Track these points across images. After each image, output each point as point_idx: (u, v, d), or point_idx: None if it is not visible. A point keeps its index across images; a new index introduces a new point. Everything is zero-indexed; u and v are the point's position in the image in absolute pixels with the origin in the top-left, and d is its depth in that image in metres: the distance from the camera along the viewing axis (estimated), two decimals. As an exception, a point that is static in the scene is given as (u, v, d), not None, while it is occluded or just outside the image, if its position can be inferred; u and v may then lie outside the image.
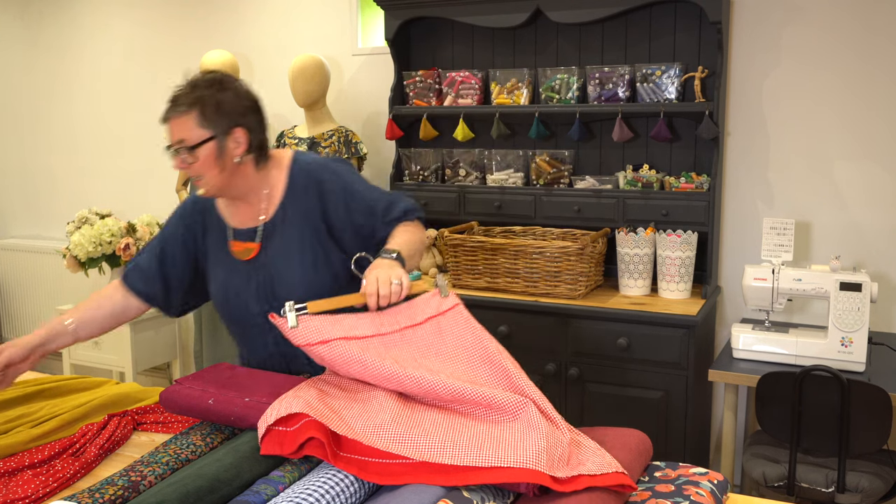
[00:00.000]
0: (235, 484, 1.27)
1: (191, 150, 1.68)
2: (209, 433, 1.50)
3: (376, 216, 1.80)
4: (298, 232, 1.79)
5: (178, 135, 1.69)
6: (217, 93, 1.70)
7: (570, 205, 3.09)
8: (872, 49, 2.83)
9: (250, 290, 1.79)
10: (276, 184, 1.82)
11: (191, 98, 1.68)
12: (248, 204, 1.82)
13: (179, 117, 1.68)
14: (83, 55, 4.46)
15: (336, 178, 1.81)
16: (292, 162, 1.84)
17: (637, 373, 2.74)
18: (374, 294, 1.55)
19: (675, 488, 1.33)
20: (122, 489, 1.28)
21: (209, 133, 1.69)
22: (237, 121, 1.71)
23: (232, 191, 1.78)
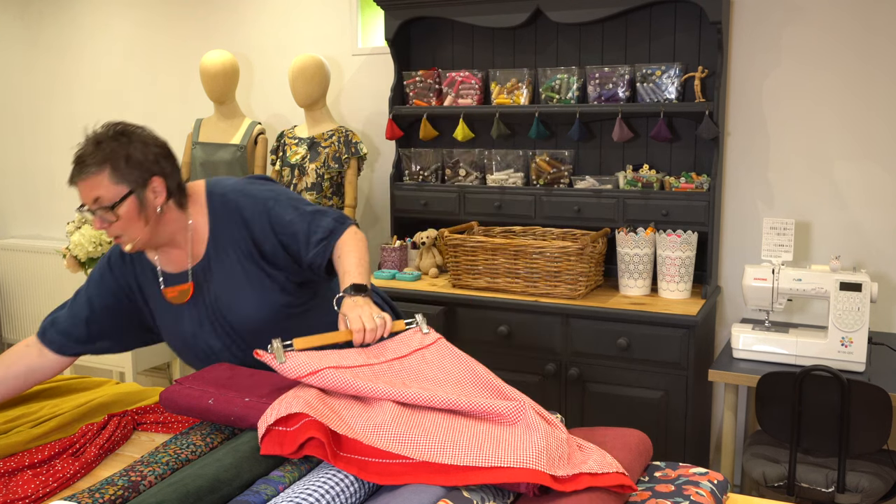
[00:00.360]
0: (235, 484, 1.27)
1: (111, 209, 1.64)
2: (209, 433, 1.50)
3: (299, 241, 1.76)
4: (234, 261, 1.76)
5: (93, 194, 1.63)
6: (125, 145, 1.65)
7: (570, 205, 3.09)
8: (872, 49, 2.83)
9: (206, 330, 1.78)
10: (199, 220, 1.78)
11: (99, 156, 1.63)
12: (177, 247, 1.79)
13: (90, 178, 1.63)
14: (83, 55, 4.46)
15: (255, 203, 1.77)
16: (208, 194, 1.80)
17: (637, 373, 2.74)
18: (360, 330, 1.55)
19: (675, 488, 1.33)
20: (122, 489, 1.28)
21: (126, 188, 1.64)
22: (152, 170, 1.67)
23: (158, 240, 1.75)
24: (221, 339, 1.79)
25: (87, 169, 1.63)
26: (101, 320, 1.83)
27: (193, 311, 1.79)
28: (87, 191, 1.64)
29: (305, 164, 3.37)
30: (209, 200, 1.79)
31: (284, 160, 3.45)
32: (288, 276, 1.80)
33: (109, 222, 1.66)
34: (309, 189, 3.35)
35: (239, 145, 3.60)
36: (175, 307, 1.80)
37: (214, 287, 1.77)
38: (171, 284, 1.80)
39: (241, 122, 3.67)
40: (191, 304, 1.79)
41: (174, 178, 1.73)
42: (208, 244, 1.78)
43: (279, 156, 3.50)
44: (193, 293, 1.78)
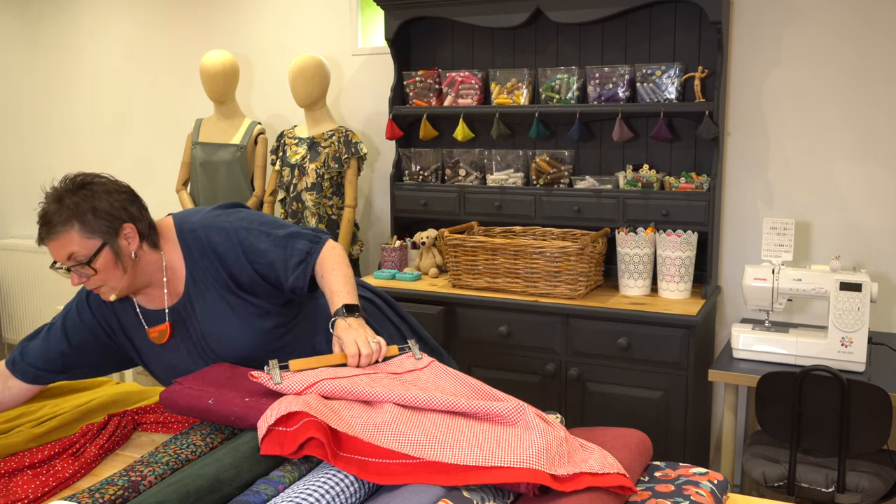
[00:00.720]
0: (235, 484, 1.27)
1: (87, 263, 1.62)
2: (209, 433, 1.50)
3: (277, 269, 1.75)
4: (215, 295, 1.75)
5: (66, 252, 1.61)
6: (88, 198, 1.62)
7: (570, 205, 3.09)
8: (872, 49, 2.83)
9: (198, 364, 1.78)
10: (173, 257, 1.76)
11: (64, 213, 1.60)
12: (155, 287, 1.77)
13: (60, 236, 1.60)
14: (83, 55, 4.47)
15: (227, 237, 1.75)
16: (178, 230, 1.78)
17: (637, 373, 2.74)
18: (355, 355, 1.55)
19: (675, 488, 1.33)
20: (122, 489, 1.28)
21: (99, 241, 1.62)
22: (121, 217, 1.65)
23: (138, 284, 1.73)
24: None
25: (55, 228, 1.60)
26: (78, 354, 1.80)
27: (181, 347, 1.78)
28: (58, 249, 1.61)
29: (305, 164, 3.37)
30: (180, 237, 1.77)
31: (284, 160, 3.45)
32: (270, 301, 1.79)
33: (87, 276, 1.64)
34: (309, 189, 3.35)
35: (239, 145, 3.60)
36: (149, 344, 1.79)
37: (200, 323, 1.76)
38: (153, 324, 1.78)
39: (241, 122, 3.68)
40: (178, 341, 1.78)
41: (143, 221, 1.70)
42: (186, 281, 1.76)
43: (279, 156, 3.50)
44: (176, 331, 1.77)
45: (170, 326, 1.76)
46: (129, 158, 4.41)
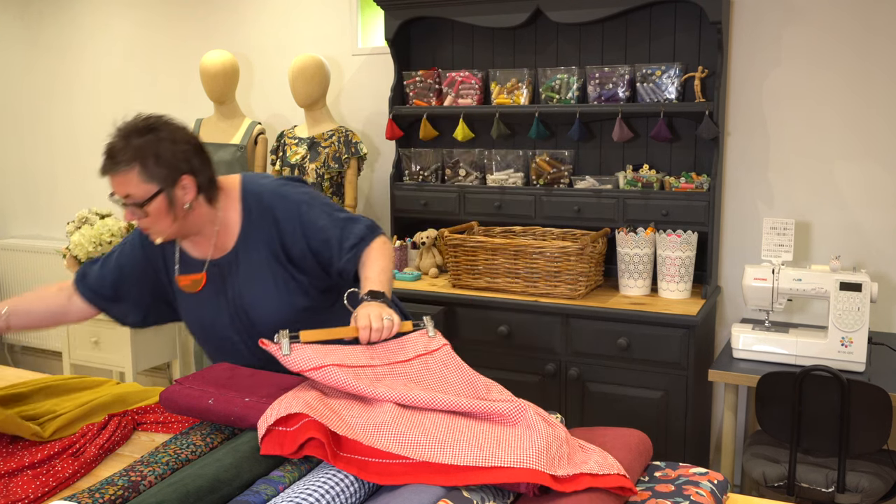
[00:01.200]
0: (235, 484, 1.27)
1: (140, 206, 1.65)
2: (209, 433, 1.50)
3: (332, 247, 1.77)
4: (262, 260, 1.77)
5: (124, 190, 1.65)
6: (154, 143, 1.65)
7: (570, 205, 3.09)
8: (872, 49, 2.83)
9: (224, 320, 1.79)
10: (231, 215, 1.79)
11: (129, 153, 1.63)
12: (205, 237, 1.79)
13: (120, 174, 1.64)
14: (83, 55, 4.47)
15: (289, 206, 1.78)
16: (242, 190, 1.81)
17: (637, 373, 2.74)
18: (367, 328, 1.54)
19: (675, 488, 1.33)
20: (122, 489, 1.28)
21: (156, 187, 1.65)
22: (181, 168, 1.67)
23: (186, 232, 1.76)
24: (239, 333, 1.80)
25: (117, 166, 1.64)
26: (127, 285, 1.86)
27: (214, 301, 1.80)
28: (117, 185, 1.67)
29: (305, 164, 3.37)
30: (243, 196, 1.80)
31: (284, 160, 3.45)
32: (312, 280, 1.81)
33: (139, 217, 1.68)
34: (309, 189, 3.35)
35: (239, 145, 3.60)
36: (196, 294, 1.81)
37: (240, 283, 1.78)
38: (188, 271, 1.81)
39: (241, 122, 3.67)
40: (212, 294, 1.80)
41: (204, 175, 1.73)
42: (238, 239, 1.78)
43: (279, 156, 3.50)
44: (212, 286, 1.79)
45: (206, 277, 1.78)
46: (129, 158, 4.40)
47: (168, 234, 1.72)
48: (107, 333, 3.91)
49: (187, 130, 1.73)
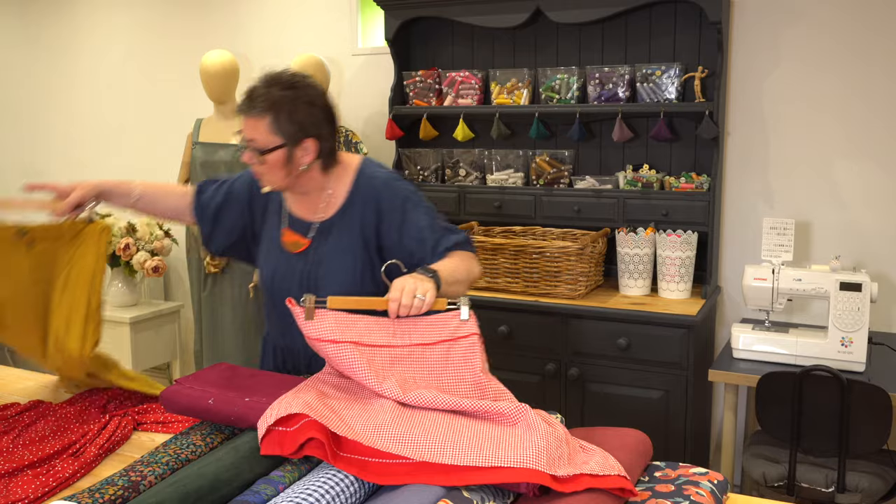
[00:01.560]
0: (235, 484, 1.27)
1: (260, 153, 1.71)
2: (209, 433, 1.50)
3: (426, 247, 1.78)
4: (352, 239, 1.79)
5: (250, 134, 1.71)
6: (292, 100, 1.70)
7: (570, 205, 3.09)
8: (872, 49, 2.83)
9: (294, 278, 1.81)
10: (340, 188, 1.83)
11: (266, 101, 1.69)
12: (310, 199, 1.84)
13: (252, 118, 1.70)
14: (83, 55, 4.47)
15: (395, 200, 1.80)
16: (358, 171, 1.84)
17: (637, 373, 2.74)
18: (396, 300, 1.52)
19: (675, 488, 1.33)
20: (122, 489, 1.28)
21: (279, 141, 1.70)
22: (308, 131, 1.72)
23: (295, 190, 1.82)
24: (298, 297, 1.79)
25: (252, 110, 1.70)
26: (225, 215, 1.93)
27: (294, 260, 1.83)
28: (246, 127, 1.72)
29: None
30: (357, 177, 1.84)
31: (284, 160, 3.45)
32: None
33: (255, 163, 1.73)
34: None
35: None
36: (276, 242, 1.86)
37: (322, 252, 1.80)
38: (292, 227, 1.85)
39: (241, 122, 3.67)
40: (297, 255, 1.83)
41: (328, 143, 1.77)
42: (337, 213, 1.81)
43: (279, 156, 3.50)
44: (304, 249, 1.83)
45: (309, 244, 1.81)
46: (129, 158, 4.40)
47: (278, 186, 1.78)
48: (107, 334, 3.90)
49: (326, 97, 1.79)
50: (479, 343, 1.56)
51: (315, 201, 1.83)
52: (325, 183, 1.82)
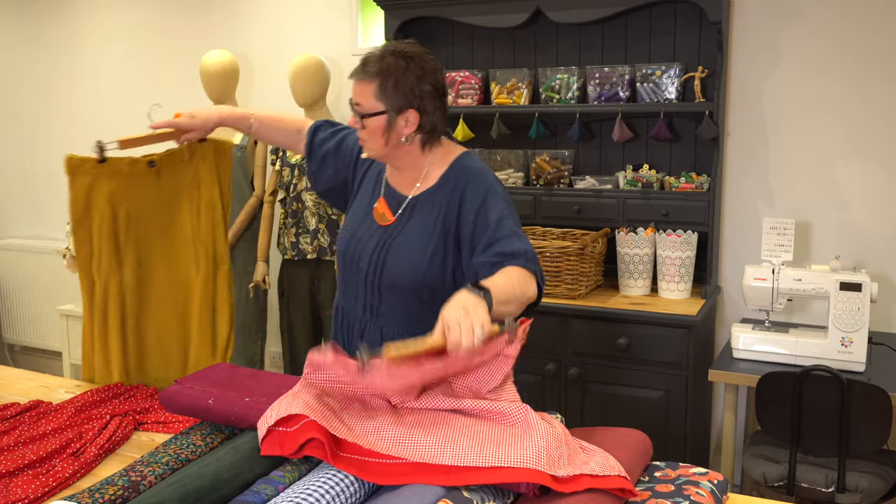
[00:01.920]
0: (235, 484, 1.27)
1: (361, 116, 1.74)
2: (209, 433, 1.50)
3: (486, 238, 1.71)
4: (433, 221, 1.79)
5: (357, 98, 1.74)
6: (401, 69, 1.72)
7: (570, 205, 3.09)
8: (872, 49, 2.83)
9: (369, 246, 1.82)
10: (436, 170, 1.84)
11: (377, 66, 1.72)
12: (405, 175, 1.85)
13: (362, 81, 1.73)
14: (83, 55, 4.47)
15: (479, 188, 1.78)
16: (457, 158, 1.86)
17: (637, 373, 2.74)
18: (457, 342, 1.35)
19: (675, 488, 1.33)
20: (122, 489, 1.28)
21: (382, 107, 1.72)
22: (412, 102, 1.73)
23: (393, 162, 1.83)
24: (369, 265, 1.81)
25: (363, 74, 1.73)
26: (334, 160, 1.98)
27: (375, 226, 1.84)
28: (356, 90, 1.75)
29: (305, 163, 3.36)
30: (454, 163, 1.84)
31: (284, 160, 3.45)
32: (455, 270, 1.80)
33: (358, 126, 1.77)
34: (309, 189, 3.35)
35: (239, 145, 3.60)
36: (364, 207, 1.88)
37: (405, 227, 1.81)
38: (386, 198, 1.86)
39: (241, 122, 3.67)
40: (378, 227, 1.84)
41: (431, 119, 1.77)
42: (426, 191, 1.82)
43: (279, 156, 3.50)
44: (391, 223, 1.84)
45: (395, 220, 1.82)
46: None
47: (375, 154, 1.79)
48: (107, 333, 3.91)
49: (440, 75, 1.81)
50: (511, 361, 1.50)
51: (410, 178, 1.85)
52: (422, 161, 1.83)
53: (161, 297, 2.03)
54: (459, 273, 1.78)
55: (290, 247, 3.39)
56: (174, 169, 2.04)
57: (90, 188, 2.07)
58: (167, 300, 2.03)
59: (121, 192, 2.01)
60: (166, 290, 2.03)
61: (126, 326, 2.00)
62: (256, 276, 3.55)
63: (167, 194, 2.02)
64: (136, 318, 2.00)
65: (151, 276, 2.02)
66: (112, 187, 2.03)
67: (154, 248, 2.02)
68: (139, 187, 2.02)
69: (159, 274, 2.02)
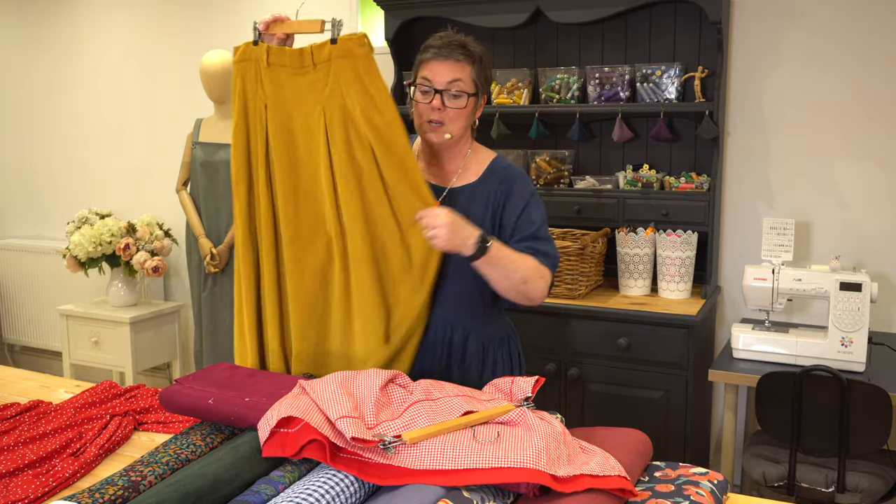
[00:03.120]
0: (235, 484, 1.27)
1: (456, 96, 1.77)
2: (209, 433, 1.50)
3: (521, 232, 1.80)
4: (483, 211, 1.83)
5: (454, 75, 1.76)
6: (486, 58, 1.83)
7: (570, 205, 3.09)
8: (872, 49, 2.83)
9: None
10: (477, 162, 1.88)
11: (473, 51, 1.79)
12: (446, 166, 1.88)
13: (459, 63, 1.77)
14: (83, 55, 4.47)
15: (525, 191, 1.85)
16: (497, 157, 1.92)
17: (637, 373, 2.74)
18: (425, 229, 1.63)
19: (675, 488, 1.33)
20: (122, 489, 1.28)
21: (474, 89, 1.80)
22: (486, 89, 1.85)
23: (451, 148, 1.86)
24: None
25: (461, 55, 1.77)
26: None
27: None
28: (447, 69, 1.77)
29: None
30: (494, 162, 1.89)
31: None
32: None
33: (444, 106, 1.76)
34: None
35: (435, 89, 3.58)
36: None
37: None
38: None
39: (241, 122, 3.67)
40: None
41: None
42: (471, 183, 1.85)
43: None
44: None
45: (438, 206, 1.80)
46: (128, 158, 4.41)
47: (455, 135, 1.80)
48: (107, 333, 3.92)
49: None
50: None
51: (449, 170, 1.87)
52: (465, 150, 1.88)
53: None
54: None
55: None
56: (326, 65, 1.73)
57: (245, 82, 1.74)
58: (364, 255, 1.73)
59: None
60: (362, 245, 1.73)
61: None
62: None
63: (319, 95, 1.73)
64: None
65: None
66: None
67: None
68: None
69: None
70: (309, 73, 1.73)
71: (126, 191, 4.44)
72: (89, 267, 3.88)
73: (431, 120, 1.79)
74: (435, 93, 1.76)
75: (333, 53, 1.72)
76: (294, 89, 1.73)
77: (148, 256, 3.84)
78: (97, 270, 3.96)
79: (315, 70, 1.73)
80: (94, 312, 3.92)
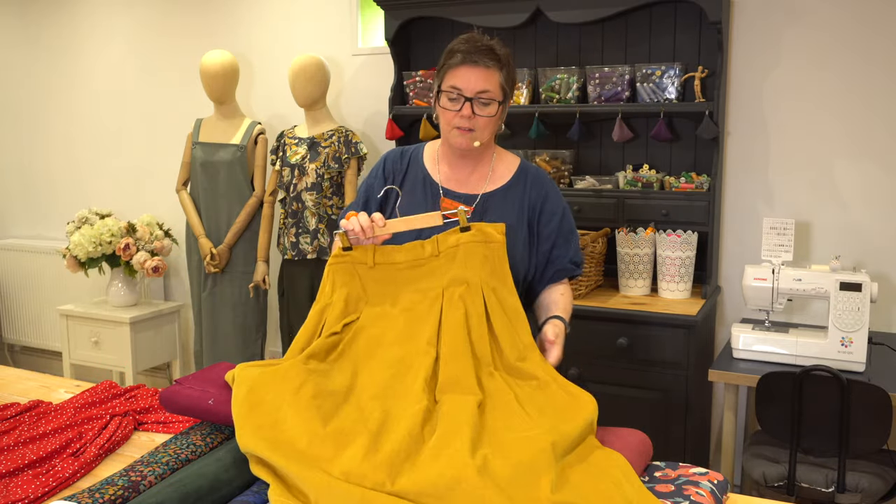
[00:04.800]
0: (235, 484, 1.27)
1: (486, 104, 1.74)
2: (209, 433, 1.50)
3: (565, 240, 1.86)
4: (517, 215, 1.83)
5: (482, 85, 1.72)
6: (510, 64, 1.79)
7: (570, 205, 3.07)
8: (872, 49, 2.83)
9: None
10: (505, 167, 1.88)
11: (498, 55, 1.74)
12: (474, 173, 1.86)
13: (489, 69, 1.72)
14: (83, 55, 4.47)
15: (559, 200, 1.89)
16: (524, 161, 1.92)
17: (637, 373, 2.74)
18: (558, 358, 1.79)
19: (675, 488, 1.33)
20: (122, 489, 1.28)
21: (502, 96, 1.76)
22: (512, 93, 1.82)
23: (480, 154, 1.86)
24: None
25: (491, 60, 1.72)
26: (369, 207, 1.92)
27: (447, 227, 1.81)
28: (476, 77, 1.72)
29: (305, 164, 3.37)
30: (523, 165, 1.91)
31: (284, 160, 3.45)
32: (534, 268, 1.89)
33: (473, 114, 1.73)
34: (309, 189, 3.35)
35: (239, 145, 3.60)
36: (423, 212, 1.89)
37: (482, 220, 1.82)
38: (447, 196, 1.86)
39: (241, 122, 3.68)
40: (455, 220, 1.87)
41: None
42: (501, 188, 1.85)
43: (279, 156, 3.50)
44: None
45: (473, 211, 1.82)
46: (128, 158, 4.41)
47: (482, 141, 1.78)
48: (107, 334, 3.92)
49: None
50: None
51: (478, 176, 1.86)
52: (490, 155, 1.87)
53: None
54: (534, 256, 1.88)
55: (290, 247, 3.40)
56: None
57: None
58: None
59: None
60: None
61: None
62: (256, 276, 3.56)
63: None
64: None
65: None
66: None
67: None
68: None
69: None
70: (427, 264, 1.67)
71: (126, 191, 4.44)
72: (89, 267, 3.88)
73: (460, 127, 1.76)
74: (465, 101, 1.73)
75: (462, 239, 1.67)
76: (406, 280, 1.67)
77: (148, 256, 3.84)
78: (97, 270, 3.95)
79: (437, 258, 1.67)
80: (94, 312, 3.92)
